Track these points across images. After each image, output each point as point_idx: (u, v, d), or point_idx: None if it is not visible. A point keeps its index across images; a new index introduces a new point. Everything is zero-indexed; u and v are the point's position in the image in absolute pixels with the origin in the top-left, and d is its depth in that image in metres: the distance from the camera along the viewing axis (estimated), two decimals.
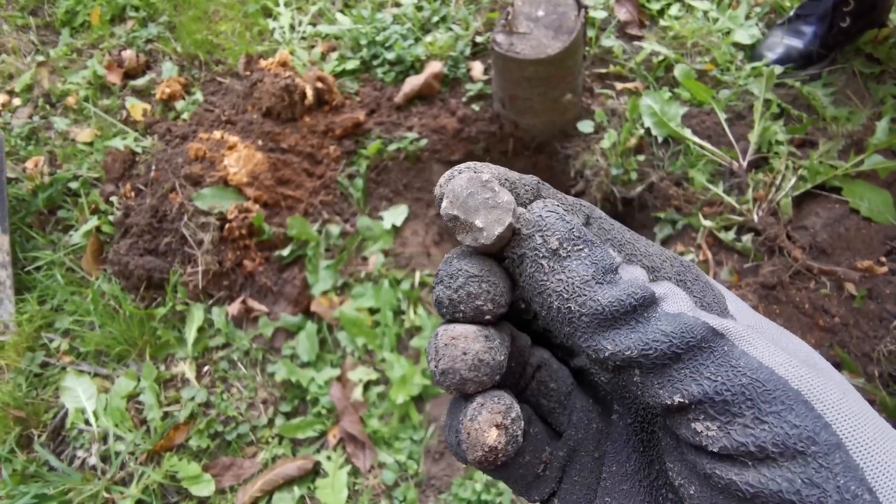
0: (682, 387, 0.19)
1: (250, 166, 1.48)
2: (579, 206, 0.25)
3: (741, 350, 0.19)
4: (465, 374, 0.22)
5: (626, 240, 0.24)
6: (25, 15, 2.19)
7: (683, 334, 0.19)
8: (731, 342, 0.19)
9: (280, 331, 1.41)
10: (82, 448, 1.34)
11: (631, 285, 0.21)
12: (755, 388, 0.18)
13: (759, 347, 0.19)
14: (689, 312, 0.20)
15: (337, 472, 1.24)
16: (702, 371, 0.19)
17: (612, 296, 0.20)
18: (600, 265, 0.21)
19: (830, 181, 1.32)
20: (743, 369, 0.18)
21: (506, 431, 0.22)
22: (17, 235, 1.63)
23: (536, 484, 0.25)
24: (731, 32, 1.65)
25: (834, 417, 0.18)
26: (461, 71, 1.68)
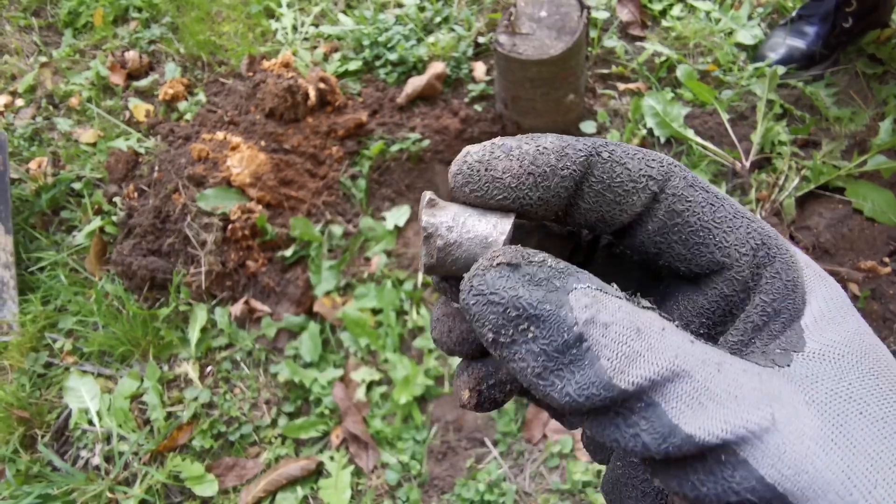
0: (667, 482, 0.18)
1: (253, 167, 1.48)
2: (644, 183, 0.21)
3: (742, 460, 0.17)
4: (452, 347, 0.24)
5: (702, 224, 0.21)
6: (28, 16, 2.19)
7: (667, 452, 0.17)
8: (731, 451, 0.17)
9: (283, 331, 1.41)
10: (86, 448, 1.34)
11: (593, 384, 0.17)
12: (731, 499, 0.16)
13: (769, 454, 0.17)
14: (681, 423, 0.16)
15: (340, 473, 1.24)
16: (689, 476, 0.17)
17: (569, 395, 0.17)
18: (551, 348, 0.17)
19: (833, 181, 1.32)
20: (736, 486, 0.17)
21: (479, 395, 0.23)
22: (20, 236, 1.63)
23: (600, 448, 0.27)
24: (733, 33, 1.65)
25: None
26: (463, 71, 1.68)
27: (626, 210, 0.21)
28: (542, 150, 0.21)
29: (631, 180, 0.21)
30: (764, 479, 0.16)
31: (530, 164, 0.21)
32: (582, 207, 0.21)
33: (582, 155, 0.21)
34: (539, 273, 0.18)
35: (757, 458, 0.16)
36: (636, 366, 0.17)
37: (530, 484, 1.21)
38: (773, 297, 0.21)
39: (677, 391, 0.17)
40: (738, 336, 0.21)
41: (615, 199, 0.21)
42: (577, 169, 0.21)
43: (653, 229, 0.21)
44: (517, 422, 1.26)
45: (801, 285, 0.21)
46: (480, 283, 0.18)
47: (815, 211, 1.33)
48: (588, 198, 0.21)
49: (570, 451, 1.21)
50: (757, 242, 0.21)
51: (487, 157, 0.21)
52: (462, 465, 1.24)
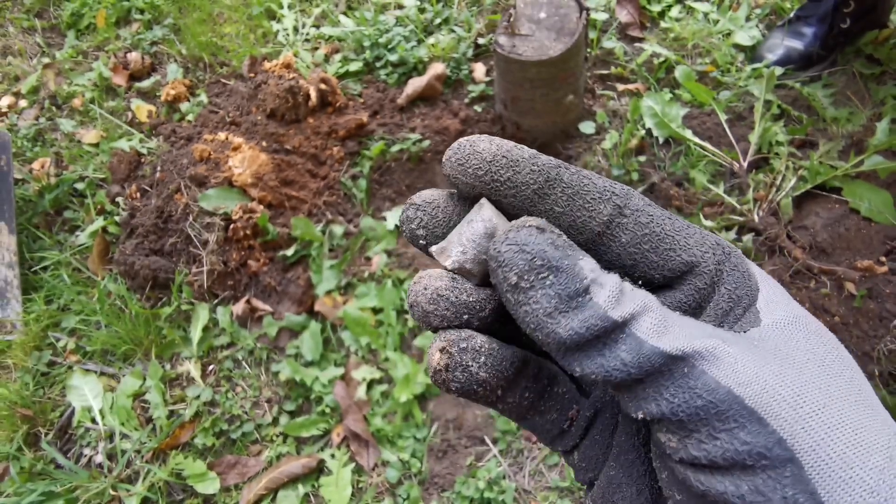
0: (644, 405, 0.21)
1: (255, 167, 1.50)
2: (609, 196, 0.25)
3: (700, 370, 0.20)
4: (426, 306, 0.24)
5: (666, 233, 0.25)
6: (31, 17, 2.21)
7: (640, 363, 0.21)
8: (691, 364, 0.21)
9: (284, 330, 1.42)
10: (89, 446, 1.35)
11: (593, 316, 0.21)
12: (709, 409, 0.20)
13: (724, 367, 0.20)
14: (651, 340, 0.21)
15: (341, 470, 1.25)
16: (662, 392, 0.21)
17: (573, 328, 0.21)
18: (565, 293, 0.21)
19: (830, 181, 1.33)
20: (699, 391, 0.20)
21: (449, 356, 0.24)
22: (24, 236, 1.65)
23: (561, 437, 0.28)
24: (731, 34, 1.66)
25: (792, 433, 0.19)
26: (463, 72, 1.69)
27: (595, 217, 0.25)
28: (519, 148, 0.25)
29: (597, 191, 0.25)
30: (720, 383, 0.20)
31: (507, 150, 0.24)
32: (555, 211, 0.25)
33: (552, 163, 0.25)
34: (559, 240, 0.22)
35: (714, 371, 0.20)
36: (621, 306, 0.21)
37: (530, 481, 1.22)
38: (734, 286, 0.25)
39: (647, 322, 0.21)
40: (709, 321, 0.25)
41: (584, 205, 0.25)
42: (546, 170, 0.24)
43: (626, 241, 0.25)
44: None
45: (753, 275, 0.26)
46: (515, 236, 0.22)
47: (812, 211, 1.34)
48: (560, 202, 0.25)
49: None
50: (712, 243, 0.25)
51: (475, 140, 0.25)
52: (462, 462, 1.25)
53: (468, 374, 0.24)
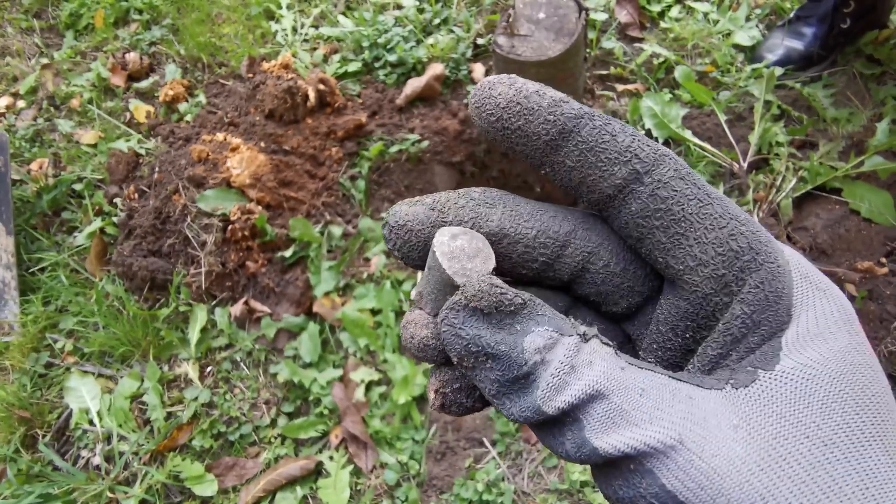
0: (599, 484, 0.21)
1: (253, 168, 1.49)
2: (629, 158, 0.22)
3: (648, 470, 0.19)
4: (416, 353, 0.25)
5: (685, 214, 0.22)
6: (30, 18, 2.20)
7: (582, 459, 0.20)
8: (639, 462, 0.19)
9: (282, 331, 1.41)
10: (86, 448, 1.35)
11: (530, 408, 0.20)
12: None
13: (675, 467, 0.19)
14: (594, 438, 0.19)
15: (339, 472, 1.25)
16: (610, 481, 0.21)
17: (513, 414, 0.21)
18: (504, 378, 0.21)
19: (831, 182, 1.32)
20: (643, 491, 0.19)
21: (443, 397, 0.25)
22: (21, 237, 1.64)
23: None
24: (731, 34, 1.65)
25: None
26: (462, 73, 1.69)
27: (607, 179, 0.22)
28: (540, 93, 0.22)
29: (616, 151, 0.22)
30: (665, 486, 0.19)
31: (524, 97, 0.22)
32: (567, 165, 0.23)
33: (574, 113, 0.22)
34: (505, 319, 0.21)
35: (662, 470, 0.19)
36: (562, 395, 0.20)
37: (528, 484, 1.21)
38: (753, 308, 0.21)
39: (595, 411, 0.20)
40: (716, 349, 0.22)
41: (597, 164, 0.22)
42: (564, 121, 0.22)
43: (635, 209, 0.22)
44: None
45: (786, 297, 0.21)
46: (454, 318, 0.21)
47: (813, 212, 1.33)
48: (573, 156, 0.22)
49: None
50: (742, 246, 0.21)
51: (495, 80, 0.23)
52: (461, 464, 1.25)
53: (464, 407, 0.25)
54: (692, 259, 0.22)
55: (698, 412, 0.19)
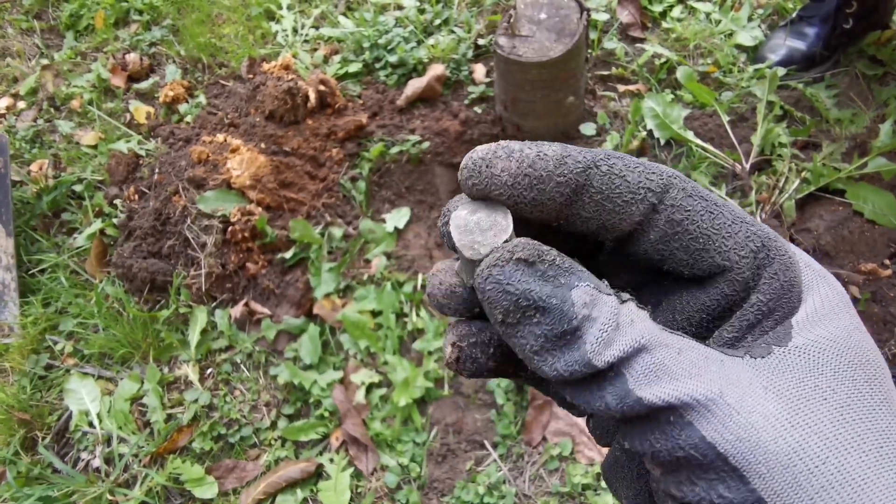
0: (631, 440, 0.21)
1: (253, 169, 1.49)
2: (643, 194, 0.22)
3: (687, 422, 0.20)
4: (441, 300, 0.25)
5: (701, 231, 0.22)
6: (30, 18, 2.20)
7: (624, 410, 0.20)
8: (679, 414, 0.20)
9: (283, 333, 1.41)
10: (86, 450, 1.35)
11: (578, 361, 0.20)
12: (689, 460, 0.20)
13: (714, 420, 0.19)
14: (638, 389, 0.20)
15: (339, 475, 1.24)
16: (646, 435, 0.21)
17: (557, 370, 0.21)
18: (551, 333, 0.20)
19: (834, 184, 1.32)
20: (681, 442, 0.20)
21: (459, 350, 0.25)
22: (21, 238, 1.64)
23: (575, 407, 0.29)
24: (733, 34, 1.65)
25: (777, 492, 0.19)
26: (463, 73, 1.68)
27: (626, 219, 0.23)
28: (542, 156, 0.22)
29: (630, 192, 0.22)
30: (705, 438, 0.19)
31: (528, 166, 0.22)
32: (583, 216, 0.23)
33: (580, 166, 0.22)
34: (549, 271, 0.21)
35: (701, 422, 0.19)
36: (610, 349, 0.20)
37: (530, 486, 1.21)
38: (769, 297, 0.22)
39: (639, 365, 0.20)
40: (732, 333, 0.23)
41: (614, 209, 0.22)
42: (574, 178, 0.22)
43: (654, 238, 0.23)
44: (517, 424, 1.26)
45: (797, 285, 0.23)
46: (499, 273, 0.21)
47: (816, 213, 1.32)
48: (588, 207, 0.23)
49: (570, 453, 1.21)
50: (757, 245, 0.23)
51: (490, 156, 0.22)
52: (461, 467, 1.24)
53: (478, 364, 0.25)
54: (714, 267, 0.23)
55: (731, 373, 0.20)
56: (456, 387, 1.32)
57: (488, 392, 1.30)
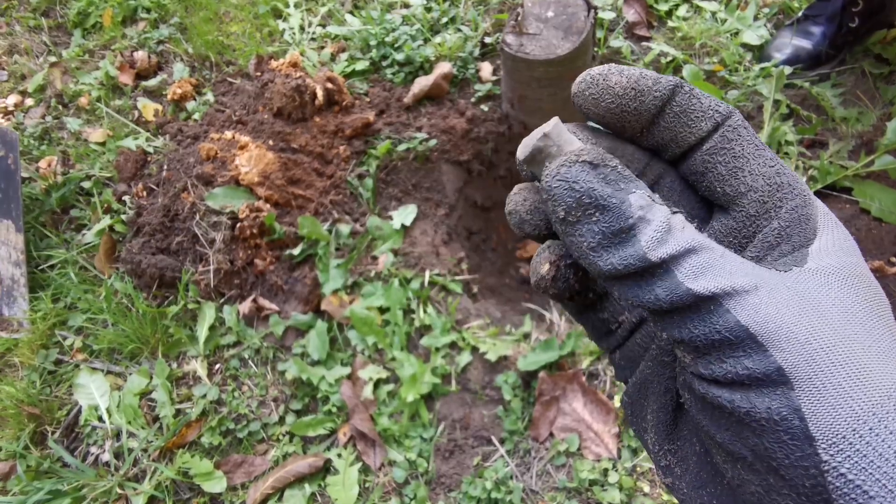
0: (668, 329, 0.24)
1: (261, 166, 1.49)
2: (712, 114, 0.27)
3: (725, 309, 0.22)
4: (524, 215, 0.28)
5: (743, 152, 0.27)
6: (38, 16, 2.21)
7: (672, 301, 0.23)
8: (718, 303, 0.23)
9: (291, 329, 1.42)
10: (96, 445, 1.36)
11: (633, 255, 0.23)
12: (723, 342, 0.22)
13: (748, 307, 0.22)
14: (686, 281, 0.23)
15: (347, 470, 1.25)
16: (686, 323, 0.23)
17: (612, 264, 0.23)
18: (609, 230, 0.23)
19: (841, 182, 1.32)
20: (719, 327, 0.22)
21: (556, 268, 0.28)
22: (31, 234, 1.65)
23: (608, 336, 0.32)
24: (739, 33, 1.65)
25: (794, 364, 0.22)
26: (470, 71, 1.69)
27: (695, 133, 0.27)
28: (644, 76, 0.27)
29: (702, 110, 0.27)
30: (740, 322, 0.22)
31: (635, 81, 0.26)
32: (661, 126, 0.27)
33: (671, 84, 0.27)
34: (611, 175, 0.24)
35: (737, 310, 0.22)
36: (662, 247, 0.23)
37: (537, 482, 1.21)
38: (787, 224, 0.26)
39: (687, 263, 0.23)
40: (754, 252, 0.27)
41: (688, 123, 0.27)
42: (666, 93, 0.27)
43: (707, 149, 0.27)
44: (524, 420, 1.27)
45: (813, 220, 0.26)
46: (566, 172, 0.24)
47: None
48: (668, 118, 0.27)
49: (577, 449, 1.22)
50: (784, 181, 0.27)
51: (605, 72, 0.27)
52: (469, 463, 1.25)
53: (567, 284, 0.28)
54: (744, 186, 0.27)
55: (763, 275, 0.24)
56: (463, 383, 1.33)
57: (495, 388, 1.31)
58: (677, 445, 0.27)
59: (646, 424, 0.29)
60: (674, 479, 0.27)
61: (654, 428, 0.28)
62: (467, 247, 1.62)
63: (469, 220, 1.69)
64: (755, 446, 0.22)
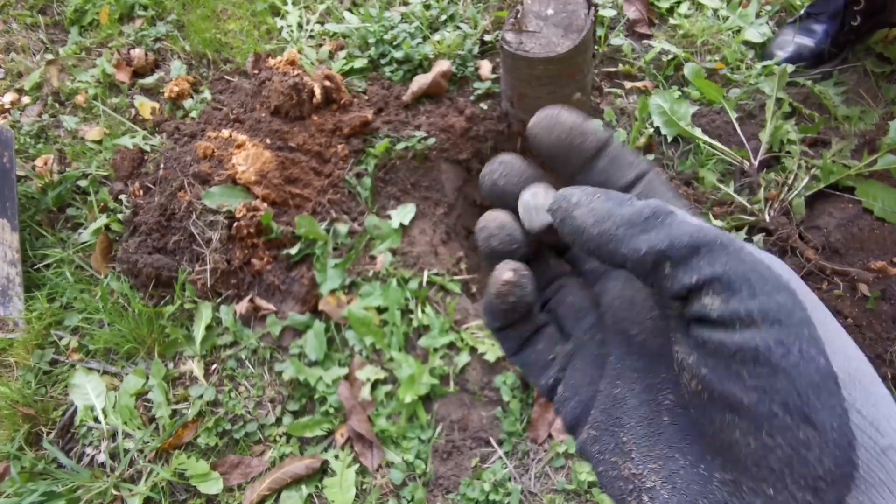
0: (699, 270, 0.24)
1: (258, 165, 1.48)
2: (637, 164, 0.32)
3: (748, 251, 0.24)
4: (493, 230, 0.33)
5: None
6: (34, 13, 2.20)
7: (701, 235, 0.24)
8: (740, 243, 0.24)
9: (288, 329, 1.41)
10: (91, 445, 1.34)
11: (646, 204, 0.26)
12: (753, 275, 0.23)
13: (763, 254, 0.24)
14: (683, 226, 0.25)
15: (345, 471, 1.24)
16: (715, 260, 0.24)
17: (634, 210, 0.26)
18: (616, 200, 0.27)
19: (843, 181, 1.31)
20: (747, 262, 0.23)
21: (518, 275, 0.31)
22: (26, 233, 1.64)
23: (546, 370, 0.33)
24: (741, 31, 1.64)
25: (810, 307, 0.23)
26: (469, 69, 1.67)
27: (624, 177, 0.32)
28: (588, 121, 0.32)
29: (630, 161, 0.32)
30: (756, 257, 0.24)
31: (581, 122, 0.32)
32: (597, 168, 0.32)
33: (608, 134, 0.32)
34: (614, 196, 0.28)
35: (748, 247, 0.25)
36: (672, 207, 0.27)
37: (536, 484, 1.20)
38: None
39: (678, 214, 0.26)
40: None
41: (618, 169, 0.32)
42: (603, 139, 0.32)
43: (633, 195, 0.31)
44: (522, 422, 1.26)
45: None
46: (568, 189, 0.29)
47: (825, 211, 1.32)
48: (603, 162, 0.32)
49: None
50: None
51: (559, 109, 0.32)
52: (467, 464, 1.24)
53: (523, 293, 0.31)
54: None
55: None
56: (461, 384, 1.31)
57: (494, 389, 1.30)
58: (659, 465, 0.26)
59: (624, 447, 0.28)
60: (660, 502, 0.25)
61: (637, 445, 0.27)
62: (466, 246, 1.61)
63: (468, 220, 1.68)
64: (786, 392, 0.21)
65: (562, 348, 0.33)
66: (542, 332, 0.33)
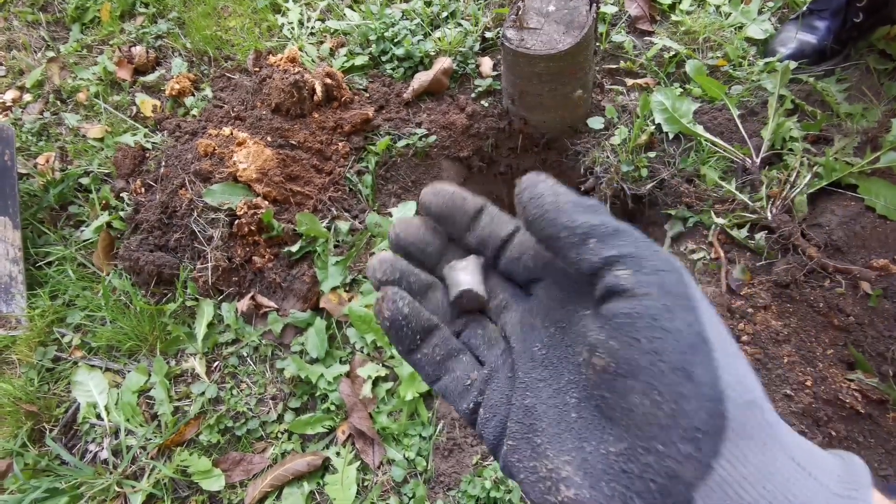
0: (618, 248, 0.29)
1: (259, 162, 1.48)
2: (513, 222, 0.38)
3: (651, 242, 0.29)
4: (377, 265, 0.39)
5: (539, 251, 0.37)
6: (36, 11, 2.20)
7: (622, 225, 0.30)
8: (647, 238, 0.29)
9: (289, 327, 1.41)
10: (94, 442, 1.35)
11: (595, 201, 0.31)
12: (654, 256, 0.28)
13: (659, 246, 0.29)
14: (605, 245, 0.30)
15: (346, 468, 1.24)
16: (629, 243, 0.29)
17: (583, 198, 0.31)
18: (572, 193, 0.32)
19: (846, 178, 1.30)
20: (651, 248, 0.29)
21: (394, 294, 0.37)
22: (28, 231, 1.64)
23: (465, 394, 0.36)
24: (743, 27, 1.63)
25: (690, 284, 0.28)
26: (470, 67, 1.67)
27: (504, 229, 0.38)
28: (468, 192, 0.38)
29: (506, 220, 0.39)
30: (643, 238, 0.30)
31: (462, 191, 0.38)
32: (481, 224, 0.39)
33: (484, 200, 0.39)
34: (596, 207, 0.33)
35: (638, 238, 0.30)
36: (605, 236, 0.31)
37: None
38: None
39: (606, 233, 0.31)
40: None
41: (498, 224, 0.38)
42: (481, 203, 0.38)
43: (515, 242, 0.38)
44: None
45: None
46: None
47: (828, 208, 1.31)
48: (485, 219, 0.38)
49: None
50: None
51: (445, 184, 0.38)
52: (468, 461, 1.24)
53: (397, 307, 0.35)
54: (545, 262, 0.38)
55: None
56: None
57: None
58: (572, 456, 0.29)
59: (539, 449, 0.30)
60: (576, 489, 0.28)
61: (550, 444, 0.30)
62: None
63: None
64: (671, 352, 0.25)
65: (479, 373, 0.36)
66: (457, 358, 0.37)
